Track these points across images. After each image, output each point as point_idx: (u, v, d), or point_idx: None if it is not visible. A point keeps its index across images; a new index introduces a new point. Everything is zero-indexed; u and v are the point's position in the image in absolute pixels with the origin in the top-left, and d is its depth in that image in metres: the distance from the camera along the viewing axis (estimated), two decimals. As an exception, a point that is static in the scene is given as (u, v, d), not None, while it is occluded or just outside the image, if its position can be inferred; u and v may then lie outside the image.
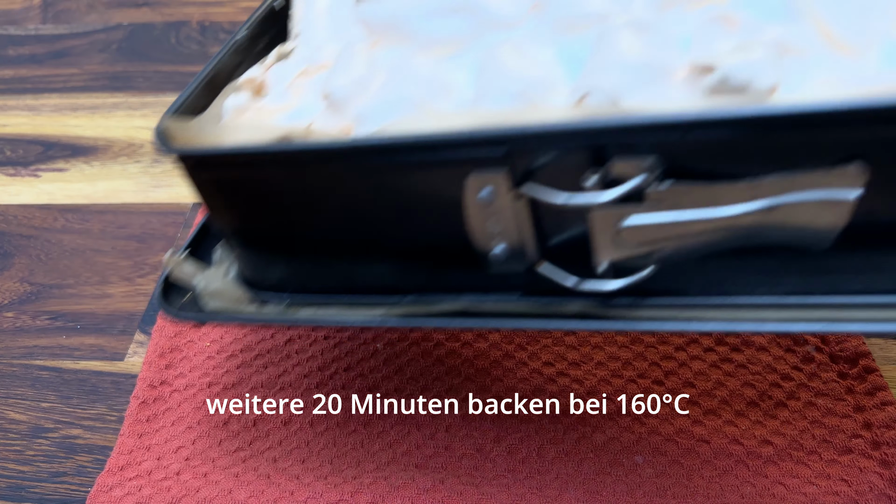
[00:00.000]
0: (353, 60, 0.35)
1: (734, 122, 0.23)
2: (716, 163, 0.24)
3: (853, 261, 0.26)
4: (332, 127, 0.33)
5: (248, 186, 0.32)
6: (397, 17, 0.35)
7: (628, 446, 0.40)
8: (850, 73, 0.25)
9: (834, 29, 0.27)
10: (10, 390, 0.48)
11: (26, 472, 0.43)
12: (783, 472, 0.39)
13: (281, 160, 0.30)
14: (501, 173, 0.27)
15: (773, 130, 0.23)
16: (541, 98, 0.28)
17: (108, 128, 0.68)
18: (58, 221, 0.60)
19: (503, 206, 0.28)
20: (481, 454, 0.40)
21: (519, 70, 0.30)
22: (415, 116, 0.29)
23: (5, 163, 0.65)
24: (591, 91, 0.27)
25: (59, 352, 0.50)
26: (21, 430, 0.46)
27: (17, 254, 0.57)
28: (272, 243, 0.34)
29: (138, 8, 0.83)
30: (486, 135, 0.26)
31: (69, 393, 0.47)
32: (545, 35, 0.32)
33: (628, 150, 0.25)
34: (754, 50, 0.25)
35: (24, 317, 0.52)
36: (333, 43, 0.40)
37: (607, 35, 0.29)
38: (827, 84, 0.26)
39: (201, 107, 0.36)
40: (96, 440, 0.45)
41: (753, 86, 0.24)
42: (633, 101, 0.26)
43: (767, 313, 0.28)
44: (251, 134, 0.31)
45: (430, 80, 0.32)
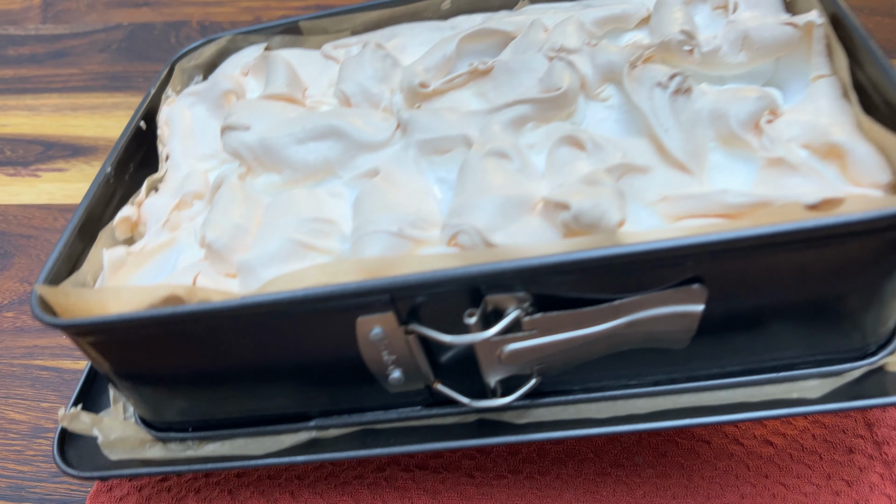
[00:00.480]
0: (229, 202, 0.35)
1: (590, 262, 0.26)
2: (579, 292, 0.28)
3: (706, 350, 0.30)
4: (216, 277, 0.33)
5: (138, 344, 0.32)
6: (267, 145, 0.36)
7: (629, 447, 0.40)
8: (685, 190, 0.30)
9: (671, 148, 0.30)
10: (10, 390, 0.48)
11: (26, 472, 0.43)
12: (783, 472, 0.39)
13: (172, 321, 0.30)
14: (388, 315, 0.29)
15: (623, 265, 0.26)
16: (418, 233, 0.31)
17: (108, 128, 0.68)
18: (58, 221, 0.59)
19: (394, 341, 0.30)
20: (483, 453, 0.40)
21: (393, 202, 0.32)
22: (299, 270, 0.29)
23: (5, 163, 0.65)
24: (461, 229, 0.29)
25: (59, 352, 0.50)
26: (21, 430, 0.46)
27: (17, 254, 0.57)
28: (169, 386, 0.34)
29: (138, 8, 0.82)
30: (370, 287, 0.28)
31: (69, 393, 0.47)
32: (413, 159, 0.34)
33: (501, 288, 0.27)
34: (602, 190, 0.28)
35: (24, 317, 0.52)
36: (202, 165, 0.40)
37: (471, 166, 0.31)
38: (665, 202, 0.30)
39: (78, 254, 0.36)
40: (96, 440, 0.45)
41: (603, 223, 0.27)
42: (500, 238, 0.28)
43: (640, 402, 0.32)
44: (137, 297, 0.31)
45: (308, 220, 0.33)
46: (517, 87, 0.36)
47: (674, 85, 0.32)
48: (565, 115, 0.35)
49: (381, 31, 0.46)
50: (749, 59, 0.35)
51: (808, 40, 0.34)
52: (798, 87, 0.35)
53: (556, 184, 0.31)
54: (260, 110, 0.38)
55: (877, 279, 0.28)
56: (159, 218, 0.38)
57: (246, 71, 0.46)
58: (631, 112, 0.34)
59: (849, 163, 0.29)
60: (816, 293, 0.28)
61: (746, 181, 0.31)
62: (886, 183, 0.28)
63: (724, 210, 0.29)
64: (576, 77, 0.35)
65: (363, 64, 0.40)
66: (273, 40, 0.48)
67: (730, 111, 0.31)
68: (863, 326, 0.30)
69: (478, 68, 0.38)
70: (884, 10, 0.76)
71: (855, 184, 0.29)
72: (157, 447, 0.37)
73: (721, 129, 0.32)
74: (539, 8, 0.43)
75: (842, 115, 0.31)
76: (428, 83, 0.38)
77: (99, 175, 0.39)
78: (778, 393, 0.31)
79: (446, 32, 0.43)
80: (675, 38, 0.35)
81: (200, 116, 0.44)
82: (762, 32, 0.35)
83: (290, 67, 0.43)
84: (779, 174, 0.29)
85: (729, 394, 0.32)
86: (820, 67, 0.34)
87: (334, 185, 0.36)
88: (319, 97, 0.42)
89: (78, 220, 0.36)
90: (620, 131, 0.34)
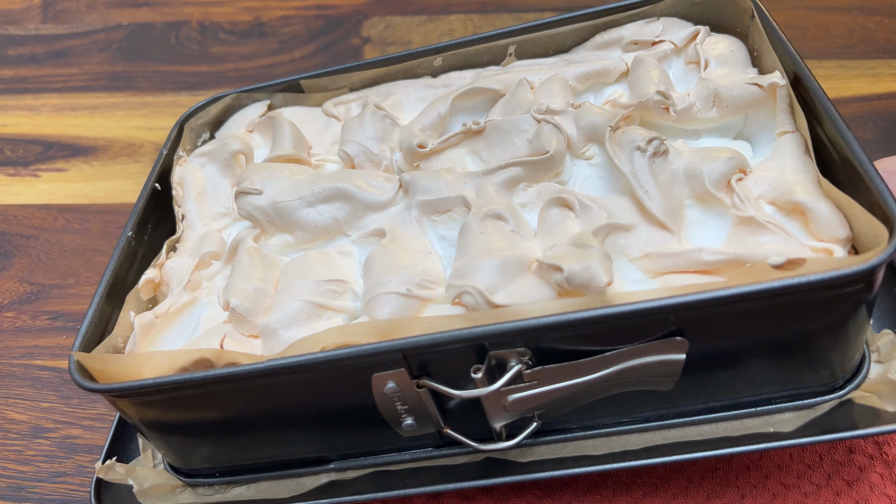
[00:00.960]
0: (248, 267, 0.38)
1: (583, 321, 0.30)
2: (573, 345, 0.31)
3: (690, 389, 0.33)
4: (240, 338, 0.36)
5: (170, 402, 0.34)
6: (279, 208, 0.39)
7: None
8: (665, 247, 0.33)
9: (651, 208, 0.34)
10: (10, 390, 0.48)
11: (26, 472, 0.43)
12: (784, 471, 0.39)
13: (204, 384, 0.33)
14: (401, 371, 0.32)
15: (612, 322, 0.30)
16: (424, 292, 0.34)
17: (108, 128, 0.68)
18: (58, 221, 0.60)
19: (406, 393, 0.33)
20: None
21: (400, 263, 0.35)
22: (319, 333, 0.33)
23: (5, 163, 0.65)
24: (465, 290, 0.32)
25: (59, 352, 0.50)
26: (21, 430, 0.46)
27: (17, 254, 0.57)
28: (196, 436, 0.37)
29: (138, 8, 0.83)
30: (385, 348, 0.31)
31: (69, 393, 0.47)
32: (416, 219, 0.38)
33: (504, 345, 0.31)
34: (591, 253, 0.31)
35: (24, 317, 0.52)
36: (216, 224, 0.44)
37: (471, 228, 0.35)
38: (648, 259, 0.33)
39: (108, 316, 0.39)
40: (96, 440, 0.45)
41: (593, 284, 0.30)
42: (501, 298, 0.32)
43: (633, 437, 0.36)
44: (168, 360, 0.34)
45: (322, 282, 0.36)
46: (508, 146, 0.39)
47: (651, 149, 0.35)
48: (554, 175, 0.38)
49: (378, 87, 0.49)
50: (720, 115, 0.39)
51: (773, 99, 0.37)
52: (766, 140, 0.38)
53: (548, 244, 0.34)
54: (270, 174, 0.41)
55: (839, 323, 0.31)
56: (181, 279, 0.40)
57: (251, 128, 0.49)
58: (613, 171, 0.37)
59: (811, 220, 0.32)
60: (786, 336, 0.31)
61: (720, 234, 0.34)
62: (844, 237, 0.31)
63: (700, 266, 0.32)
64: (562, 139, 0.38)
65: (364, 125, 0.43)
66: (276, 97, 0.51)
67: (704, 171, 0.34)
68: (830, 363, 0.33)
69: (471, 128, 0.41)
70: (884, 10, 0.76)
71: (817, 239, 0.32)
72: (186, 492, 0.39)
73: (696, 187, 0.35)
74: (525, 64, 0.47)
75: (805, 173, 0.34)
76: (426, 143, 0.41)
77: (121, 239, 0.42)
78: (756, 426, 0.34)
79: (439, 90, 0.46)
80: (653, 98, 0.38)
81: (211, 176, 0.46)
82: (731, 91, 0.38)
83: (294, 129, 0.46)
84: (749, 231, 0.33)
85: (712, 427, 0.35)
86: (784, 124, 0.37)
87: (343, 243, 0.39)
88: (324, 155, 0.45)
89: (106, 284, 0.39)
90: (604, 188, 0.37)
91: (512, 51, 0.47)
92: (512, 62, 0.47)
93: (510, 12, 0.81)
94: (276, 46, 0.77)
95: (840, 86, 0.68)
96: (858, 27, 0.75)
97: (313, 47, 0.76)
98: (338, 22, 0.80)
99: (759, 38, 0.41)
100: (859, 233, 0.31)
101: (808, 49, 0.72)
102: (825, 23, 0.76)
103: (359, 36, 0.78)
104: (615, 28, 0.46)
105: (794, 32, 0.74)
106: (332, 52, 0.76)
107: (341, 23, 0.80)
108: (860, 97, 0.66)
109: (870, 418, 0.33)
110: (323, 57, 0.75)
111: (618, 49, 0.46)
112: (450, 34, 0.78)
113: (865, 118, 0.64)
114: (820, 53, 0.72)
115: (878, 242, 0.29)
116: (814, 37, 0.75)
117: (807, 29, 0.76)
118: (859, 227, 0.31)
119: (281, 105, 0.51)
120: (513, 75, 0.44)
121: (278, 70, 0.74)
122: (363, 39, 0.77)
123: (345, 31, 0.78)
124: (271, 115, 0.48)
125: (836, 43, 0.73)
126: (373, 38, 0.77)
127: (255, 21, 0.80)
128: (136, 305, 0.40)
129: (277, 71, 0.74)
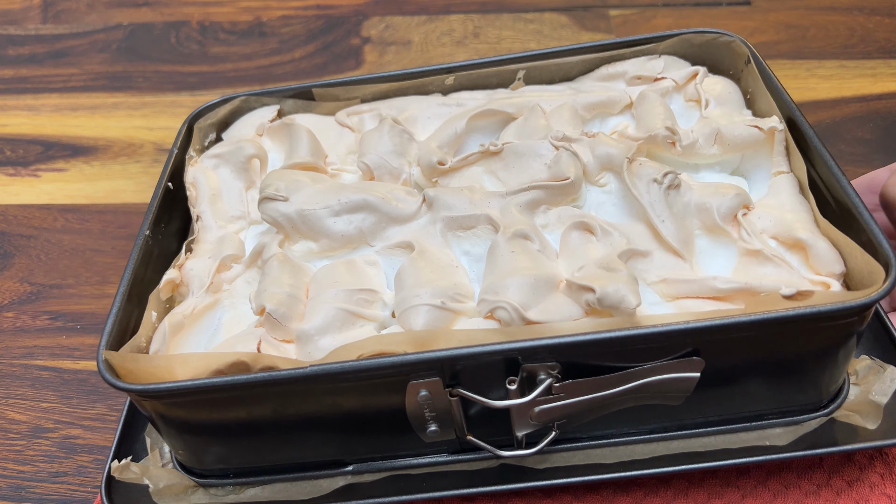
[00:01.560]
0: (280, 272, 0.39)
1: (614, 341, 0.32)
2: (600, 361, 0.33)
3: (694, 404, 0.36)
4: (275, 343, 0.37)
5: (202, 404, 0.35)
6: (305, 216, 0.40)
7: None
8: (680, 273, 0.36)
9: (666, 236, 0.37)
10: (10, 390, 0.48)
11: (26, 472, 0.43)
12: (784, 471, 0.39)
13: (244, 386, 0.33)
14: (436, 380, 0.33)
15: (641, 342, 0.32)
16: (457, 305, 0.36)
17: (108, 128, 0.68)
18: (58, 221, 0.60)
19: (437, 401, 0.34)
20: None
21: (431, 276, 0.37)
22: (359, 341, 0.34)
23: (5, 163, 0.65)
24: (499, 305, 0.34)
25: (59, 352, 0.50)
26: (21, 430, 0.46)
27: (17, 254, 0.57)
28: (221, 437, 0.37)
29: (138, 8, 0.83)
30: (425, 359, 0.33)
31: (69, 393, 0.48)
32: (440, 233, 0.40)
33: (536, 359, 0.33)
34: (620, 276, 0.34)
35: (24, 317, 0.52)
36: (232, 226, 0.45)
37: (500, 247, 0.37)
38: (665, 283, 0.36)
39: (129, 315, 0.39)
40: (96, 440, 0.45)
41: (622, 306, 0.33)
42: (534, 315, 0.34)
43: (639, 447, 0.38)
44: (203, 362, 0.34)
45: (354, 291, 0.37)
46: (526, 169, 0.42)
47: (667, 181, 0.38)
48: (571, 200, 0.41)
49: (391, 101, 0.51)
50: (721, 152, 0.42)
51: (771, 141, 0.41)
52: (760, 177, 0.42)
53: (573, 265, 0.37)
54: (294, 181, 0.42)
55: (832, 349, 0.35)
56: (201, 280, 0.41)
57: (261, 132, 0.50)
58: (626, 199, 0.40)
59: (810, 255, 0.36)
60: (785, 360, 0.35)
61: (727, 264, 0.38)
62: (840, 273, 0.35)
63: (713, 293, 0.35)
64: (580, 167, 0.40)
65: (383, 138, 0.45)
66: (285, 103, 0.52)
67: (713, 205, 0.38)
68: (819, 385, 0.37)
69: (489, 149, 0.43)
70: (884, 10, 0.76)
71: (815, 272, 0.36)
72: (199, 492, 0.39)
73: (706, 219, 0.38)
74: (534, 90, 0.49)
75: (803, 212, 0.38)
76: (445, 161, 0.43)
77: (138, 239, 0.42)
78: (751, 440, 0.38)
79: (452, 108, 0.48)
80: (661, 133, 0.41)
81: (225, 178, 0.47)
82: (733, 131, 0.41)
83: (312, 137, 0.47)
84: (756, 263, 0.36)
85: (712, 440, 0.38)
86: (780, 164, 0.41)
87: (367, 253, 0.41)
88: (339, 164, 0.47)
89: (126, 284, 0.39)
90: (618, 215, 0.40)
91: (521, 75, 0.50)
92: (520, 86, 0.50)
93: (510, 12, 0.81)
94: (276, 46, 0.77)
95: (840, 86, 0.68)
96: (858, 27, 0.75)
97: (313, 47, 0.76)
98: (338, 22, 0.80)
99: (753, 82, 0.45)
100: (853, 269, 0.35)
101: (808, 49, 0.72)
102: (825, 23, 0.76)
103: (359, 36, 0.78)
104: (619, 62, 0.49)
105: (794, 32, 0.75)
106: (332, 52, 0.76)
107: (341, 23, 0.80)
108: (860, 97, 0.67)
109: (852, 435, 0.37)
110: (323, 57, 0.75)
111: (621, 82, 0.49)
112: (450, 34, 0.78)
113: (865, 118, 0.64)
114: (820, 53, 0.73)
115: (872, 279, 0.33)
116: (814, 37, 0.75)
117: (807, 29, 0.76)
118: (853, 264, 0.35)
119: (290, 111, 0.52)
120: (524, 100, 0.46)
121: (278, 70, 0.74)
122: (363, 39, 0.77)
123: (345, 31, 0.78)
124: (286, 122, 0.49)
125: (836, 43, 0.74)
126: (373, 38, 0.77)
127: (255, 21, 0.80)
128: (156, 305, 0.40)
129: (277, 71, 0.74)
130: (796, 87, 0.68)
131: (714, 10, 0.78)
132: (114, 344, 0.36)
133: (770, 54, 0.72)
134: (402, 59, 0.75)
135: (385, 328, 0.38)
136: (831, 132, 0.62)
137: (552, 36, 0.76)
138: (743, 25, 0.76)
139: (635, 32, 0.76)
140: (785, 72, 0.69)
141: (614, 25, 0.77)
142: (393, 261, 0.40)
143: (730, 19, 0.77)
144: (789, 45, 0.73)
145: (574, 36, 0.76)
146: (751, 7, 0.78)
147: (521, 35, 0.77)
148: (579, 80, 0.50)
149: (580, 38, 0.76)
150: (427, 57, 0.75)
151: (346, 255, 0.41)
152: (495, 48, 0.75)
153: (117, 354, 0.35)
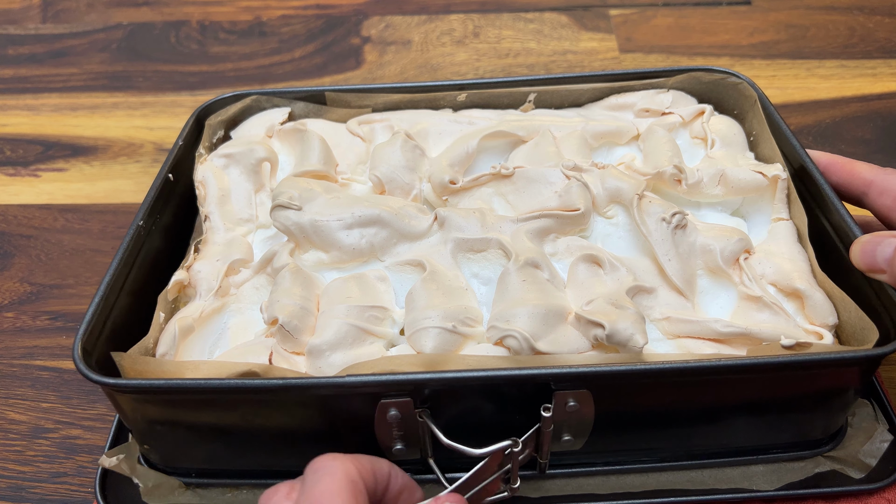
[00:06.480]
0: (292, 284, 0.39)
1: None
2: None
3: (683, 440, 0.38)
4: (286, 354, 0.37)
5: (200, 406, 0.35)
6: (317, 227, 0.40)
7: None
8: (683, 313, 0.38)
9: (671, 274, 0.38)
10: (10, 390, 0.48)
11: (26, 473, 0.43)
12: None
13: (247, 391, 0.33)
14: (406, 400, 0.33)
15: (647, 379, 0.33)
16: (467, 329, 0.36)
17: (108, 128, 0.68)
18: (58, 221, 0.59)
19: (406, 422, 0.34)
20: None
21: (442, 299, 0.37)
22: (370, 361, 0.35)
23: (5, 163, 0.65)
24: (510, 333, 0.35)
25: (59, 352, 0.50)
26: (21, 430, 0.46)
27: (17, 254, 0.57)
28: (205, 440, 0.37)
29: (138, 8, 0.82)
30: (429, 378, 0.33)
31: (69, 393, 0.47)
32: (451, 253, 0.40)
33: (548, 387, 0.33)
34: (628, 314, 0.34)
35: (24, 317, 0.52)
36: (240, 229, 0.45)
37: (511, 275, 0.37)
38: (668, 322, 0.38)
39: (112, 303, 0.39)
40: (96, 440, 0.45)
41: (630, 344, 0.34)
42: (544, 346, 0.34)
43: (630, 478, 0.39)
44: (215, 370, 0.34)
45: (364, 308, 0.38)
46: (536, 195, 0.42)
47: (675, 221, 0.39)
48: (579, 230, 0.42)
49: (402, 113, 0.51)
50: (723, 193, 0.43)
51: (773, 188, 0.42)
52: (760, 220, 0.43)
53: (581, 297, 0.37)
54: (307, 190, 0.42)
55: (826, 397, 0.36)
56: (209, 283, 0.41)
57: (271, 134, 0.50)
58: (633, 233, 0.41)
59: (807, 305, 0.37)
60: (781, 402, 0.36)
61: (726, 305, 0.39)
62: (833, 324, 0.37)
63: (714, 335, 0.37)
64: (589, 199, 0.41)
65: (395, 152, 0.45)
66: (296, 105, 0.52)
67: (717, 248, 0.39)
68: (811, 427, 0.38)
69: (500, 172, 0.43)
70: (884, 10, 0.76)
71: (810, 322, 0.37)
72: (187, 493, 0.39)
73: (709, 261, 0.39)
74: (544, 114, 0.50)
75: (801, 262, 0.39)
76: (456, 180, 0.44)
77: (132, 228, 0.41)
78: (735, 476, 0.39)
79: (464, 126, 0.49)
80: (669, 170, 0.42)
81: (234, 179, 0.47)
82: (737, 174, 0.42)
83: (324, 144, 0.47)
84: (755, 308, 0.37)
85: (698, 474, 0.39)
86: (780, 211, 0.42)
87: (376, 267, 0.41)
88: (350, 174, 0.47)
89: (113, 272, 0.39)
90: (625, 248, 0.41)
91: (532, 98, 0.51)
92: (531, 108, 0.51)
93: (510, 11, 0.81)
94: (276, 46, 0.77)
95: (840, 86, 0.68)
96: (858, 27, 0.75)
97: (313, 47, 0.76)
98: (338, 22, 0.80)
99: (758, 124, 0.46)
100: (845, 322, 0.37)
101: (809, 49, 0.72)
102: (825, 23, 0.76)
103: (359, 36, 0.78)
104: (629, 93, 0.50)
105: (795, 32, 0.75)
106: (332, 51, 0.76)
107: (341, 22, 0.80)
108: (860, 97, 0.67)
109: (838, 480, 0.38)
110: (323, 56, 0.75)
111: (630, 113, 0.50)
112: (450, 34, 0.78)
113: (865, 118, 0.64)
114: (820, 53, 0.73)
115: (864, 334, 0.34)
116: (814, 37, 0.75)
117: (807, 29, 0.76)
118: (846, 318, 0.36)
119: (301, 114, 0.52)
120: (535, 124, 0.47)
121: (278, 70, 0.74)
122: (363, 39, 0.77)
123: (345, 31, 0.78)
124: (298, 127, 0.48)
125: (837, 43, 0.74)
126: (373, 38, 0.77)
127: (255, 21, 0.80)
128: (164, 306, 0.40)
129: (277, 70, 0.74)
130: (796, 86, 0.68)
131: (714, 10, 0.78)
132: (93, 332, 0.36)
133: (770, 54, 0.72)
134: (402, 59, 0.75)
135: (394, 346, 0.38)
136: (831, 132, 0.62)
137: (552, 35, 0.76)
138: (743, 25, 0.76)
139: (635, 32, 0.76)
140: (785, 71, 0.69)
141: (614, 25, 0.77)
142: (402, 277, 0.40)
143: (730, 19, 0.77)
144: (789, 44, 0.73)
145: (574, 35, 0.76)
146: (751, 7, 0.78)
147: (521, 35, 0.77)
148: (588, 107, 0.51)
149: (580, 38, 0.76)
150: (427, 57, 0.75)
151: (356, 268, 0.41)
152: (495, 48, 0.75)
153: (127, 355, 0.35)
